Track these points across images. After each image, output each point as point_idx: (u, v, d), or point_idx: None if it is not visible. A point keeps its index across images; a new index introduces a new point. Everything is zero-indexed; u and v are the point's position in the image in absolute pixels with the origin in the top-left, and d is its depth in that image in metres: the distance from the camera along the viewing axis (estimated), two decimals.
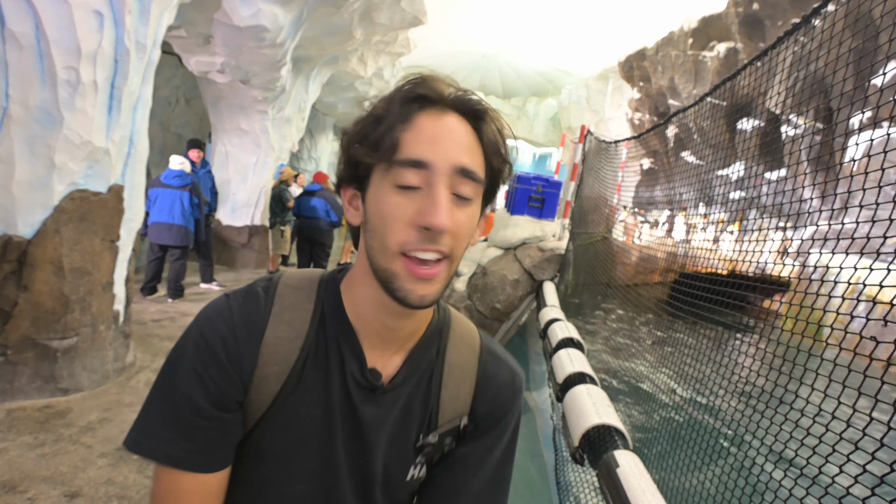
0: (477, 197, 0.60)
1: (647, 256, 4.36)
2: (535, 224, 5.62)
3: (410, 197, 0.56)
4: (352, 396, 0.64)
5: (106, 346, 3.49)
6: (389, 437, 0.67)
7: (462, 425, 0.70)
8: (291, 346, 0.64)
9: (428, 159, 0.56)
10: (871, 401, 0.94)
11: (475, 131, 0.60)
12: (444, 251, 0.57)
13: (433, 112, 0.58)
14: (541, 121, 23.20)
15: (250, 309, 0.64)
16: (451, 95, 0.59)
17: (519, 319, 5.15)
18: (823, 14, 1.53)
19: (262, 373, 0.63)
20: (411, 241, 0.56)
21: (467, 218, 0.59)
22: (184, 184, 5.35)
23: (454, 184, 0.57)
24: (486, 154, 0.60)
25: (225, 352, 0.61)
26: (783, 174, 5.68)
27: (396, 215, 0.56)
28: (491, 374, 0.72)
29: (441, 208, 0.55)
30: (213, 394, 0.61)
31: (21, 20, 2.74)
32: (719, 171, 2.37)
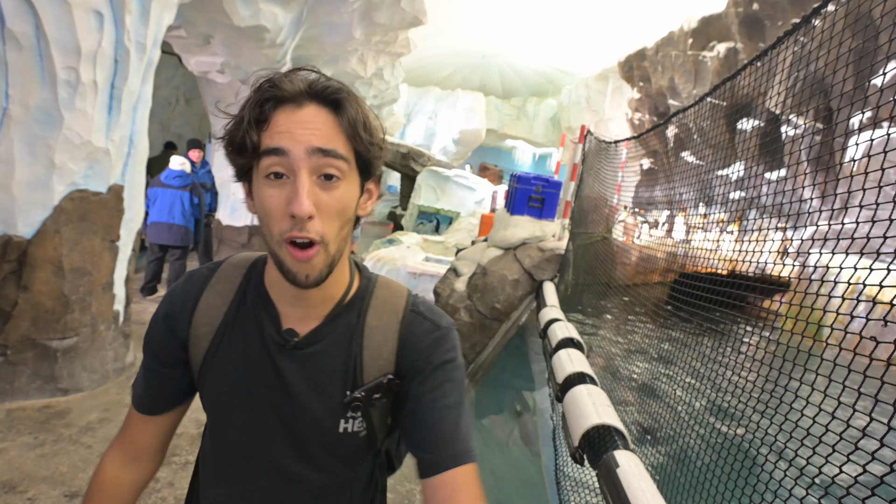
0: (346, 174, 0.65)
1: (647, 256, 4.36)
2: (534, 224, 5.62)
3: (280, 186, 0.62)
4: (271, 353, 0.74)
5: (106, 346, 3.49)
6: (313, 391, 0.74)
7: (386, 381, 0.76)
8: (217, 311, 0.77)
9: (284, 146, 0.61)
10: (871, 401, 0.94)
11: (335, 118, 0.64)
12: (313, 237, 0.63)
13: (288, 108, 0.63)
14: (541, 121, 23.20)
15: (192, 281, 0.79)
16: (304, 88, 0.63)
17: (519, 319, 5.15)
18: (823, 14, 1.53)
19: (196, 332, 0.76)
20: (285, 230, 0.62)
21: (336, 199, 0.64)
22: (184, 184, 5.36)
23: (317, 166, 0.62)
24: (349, 134, 0.64)
25: (165, 315, 0.78)
26: (783, 174, 5.68)
27: (271, 206, 0.63)
28: (411, 332, 0.78)
29: (301, 196, 0.60)
30: (158, 350, 0.79)
31: (21, 20, 2.74)
32: (719, 172, 2.37)
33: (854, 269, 1.12)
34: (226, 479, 0.80)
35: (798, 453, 1.14)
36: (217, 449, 0.81)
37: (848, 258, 1.20)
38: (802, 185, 2.03)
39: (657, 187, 5.02)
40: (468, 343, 4.98)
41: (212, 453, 0.82)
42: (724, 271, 1.97)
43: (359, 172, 0.68)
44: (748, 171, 4.40)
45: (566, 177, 6.26)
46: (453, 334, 0.80)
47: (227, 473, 0.80)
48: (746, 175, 2.11)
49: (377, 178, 0.74)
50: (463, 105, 21.68)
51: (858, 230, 1.14)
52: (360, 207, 0.71)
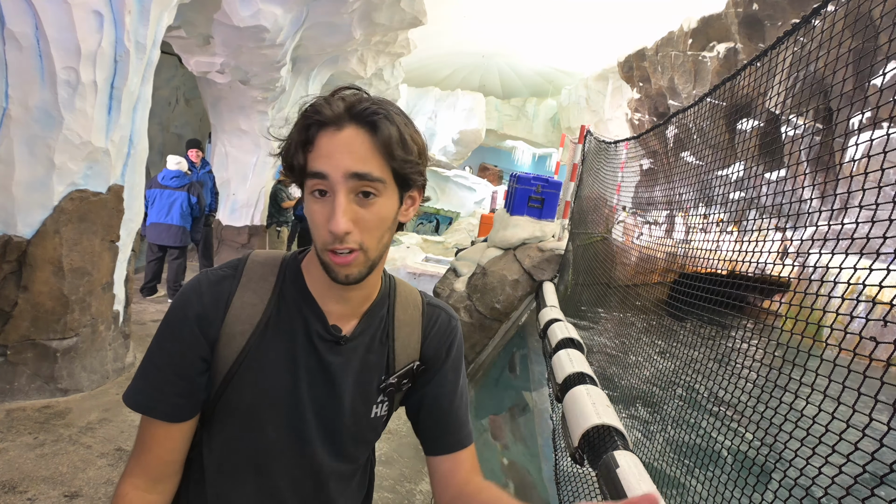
0: (383, 192, 0.70)
1: (647, 257, 4.36)
2: (534, 224, 5.62)
3: (323, 203, 0.69)
4: (317, 349, 0.78)
5: (106, 347, 3.49)
6: (354, 382, 0.81)
7: (415, 367, 0.86)
8: (255, 309, 0.78)
9: (324, 170, 0.67)
10: (871, 401, 0.94)
11: (372, 138, 0.68)
12: (353, 247, 0.69)
13: (330, 131, 0.68)
14: (540, 121, 23.20)
15: (220, 279, 0.79)
16: (343, 111, 0.68)
17: (518, 320, 5.15)
18: (823, 14, 1.53)
19: (230, 331, 0.76)
20: (328, 242, 0.69)
21: (374, 213, 0.70)
22: (181, 184, 5.35)
23: (354, 187, 0.68)
24: (384, 153, 0.69)
25: (194, 314, 0.75)
26: (783, 174, 5.68)
27: (316, 220, 0.70)
28: (432, 321, 0.89)
29: (337, 216, 0.66)
30: (183, 351, 0.75)
31: (21, 20, 2.74)
32: (719, 172, 2.37)
33: (854, 269, 1.12)
34: (255, 481, 0.79)
35: (798, 453, 1.14)
36: (245, 452, 0.79)
37: (848, 258, 1.20)
38: (802, 186, 2.03)
39: (657, 187, 5.02)
40: (468, 343, 4.98)
41: (235, 458, 0.79)
42: (724, 271, 1.97)
43: (397, 186, 0.73)
44: (748, 171, 4.40)
45: (566, 177, 6.26)
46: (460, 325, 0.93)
47: (258, 476, 0.79)
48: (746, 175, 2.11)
49: (420, 186, 0.78)
50: (463, 105, 21.68)
51: (858, 230, 1.14)
52: (402, 215, 0.77)
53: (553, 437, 2.60)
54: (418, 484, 3.04)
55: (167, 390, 0.75)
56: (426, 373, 0.88)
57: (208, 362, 0.77)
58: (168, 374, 0.75)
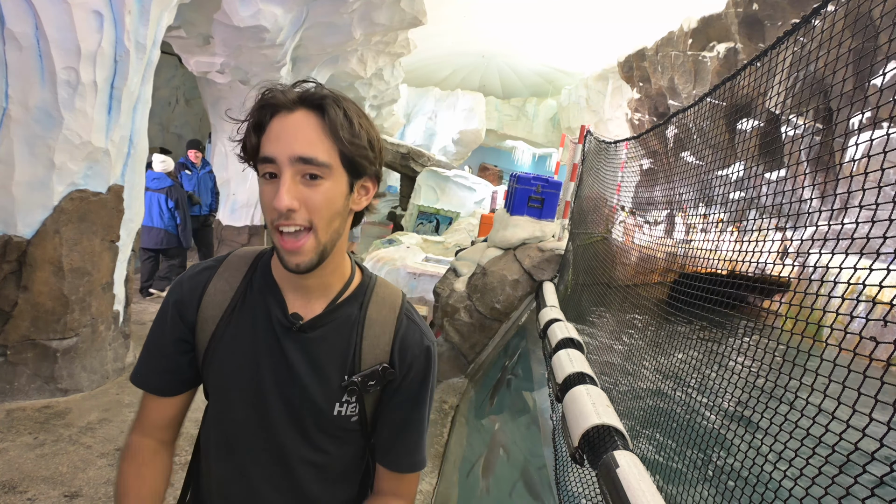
0: (329, 176, 0.72)
1: (647, 257, 4.36)
2: (534, 224, 5.62)
3: (272, 184, 0.71)
4: (277, 334, 0.81)
5: (106, 347, 3.49)
6: (313, 373, 0.81)
7: (381, 368, 0.84)
8: (224, 296, 0.84)
9: (273, 154, 0.70)
10: (871, 400, 0.94)
11: (321, 121, 0.71)
12: (302, 223, 0.71)
13: (282, 115, 0.71)
14: (540, 121, 23.19)
15: (200, 271, 0.87)
16: (296, 95, 0.72)
17: (518, 320, 5.15)
18: (823, 14, 1.53)
19: (203, 315, 0.83)
20: (276, 218, 0.71)
21: (321, 194, 0.72)
22: (161, 186, 5.27)
23: (300, 169, 0.70)
24: (332, 136, 0.71)
25: (175, 303, 0.84)
26: (783, 174, 5.68)
27: (265, 200, 0.72)
28: (406, 333, 0.87)
29: (281, 194, 0.69)
30: (168, 332, 0.84)
31: (21, 20, 2.74)
32: (719, 172, 2.37)
33: (854, 269, 1.12)
34: (228, 458, 0.85)
35: (798, 453, 1.14)
36: (220, 429, 0.85)
37: (848, 258, 1.20)
38: (802, 186, 2.02)
39: (657, 187, 5.02)
40: (468, 343, 4.98)
41: (214, 435, 0.86)
42: (724, 271, 1.97)
43: (346, 171, 0.75)
44: (748, 171, 4.40)
45: (566, 177, 6.26)
46: (436, 350, 0.91)
47: (230, 453, 0.84)
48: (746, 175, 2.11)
49: (373, 176, 0.79)
50: (463, 105, 21.67)
51: (858, 230, 1.14)
52: (354, 202, 0.78)
53: (553, 436, 2.60)
54: (419, 484, 3.04)
55: (154, 367, 0.86)
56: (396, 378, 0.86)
57: (189, 343, 0.84)
58: (154, 354, 0.86)
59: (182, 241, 5.57)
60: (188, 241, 5.63)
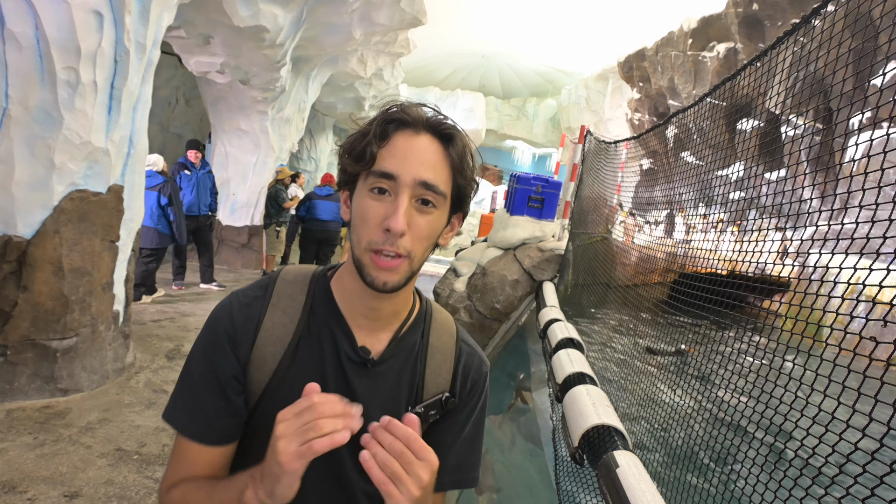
0: (440, 206, 0.71)
1: (647, 257, 4.37)
2: (534, 224, 5.62)
3: (381, 200, 0.68)
4: (345, 371, 0.75)
5: (106, 347, 3.49)
6: (381, 407, 0.76)
7: (444, 398, 0.81)
8: (286, 329, 0.76)
9: (395, 172, 0.67)
10: (871, 400, 0.94)
11: (444, 151, 0.70)
12: (401, 252, 0.68)
13: (407, 132, 0.69)
14: (540, 121, 23.19)
15: (249, 300, 0.77)
16: (425, 118, 0.70)
17: (518, 320, 5.15)
18: (823, 14, 1.53)
19: (261, 353, 0.74)
20: (377, 241, 0.67)
21: (428, 223, 0.70)
22: (152, 184, 5.17)
23: (417, 193, 0.68)
24: (453, 168, 0.71)
25: (225, 335, 0.74)
26: (783, 174, 5.68)
27: (368, 216, 0.68)
28: (466, 359, 0.85)
29: (399, 214, 0.66)
30: (217, 372, 0.73)
31: (21, 20, 2.74)
32: (719, 172, 2.37)
33: (854, 269, 1.12)
34: None
35: (798, 453, 1.14)
36: None
37: (848, 258, 1.20)
38: (802, 186, 2.03)
39: (657, 187, 5.02)
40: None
41: None
42: (724, 272, 1.97)
43: (451, 205, 0.74)
44: (748, 171, 4.40)
45: (566, 177, 6.26)
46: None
47: None
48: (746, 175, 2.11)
49: (462, 213, 0.78)
50: (463, 105, 21.68)
51: (858, 230, 1.14)
52: (443, 237, 0.76)
53: (553, 437, 2.59)
54: None
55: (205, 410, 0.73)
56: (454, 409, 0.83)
57: (241, 383, 0.75)
58: (205, 394, 0.74)
59: (178, 239, 5.46)
60: (183, 237, 5.50)
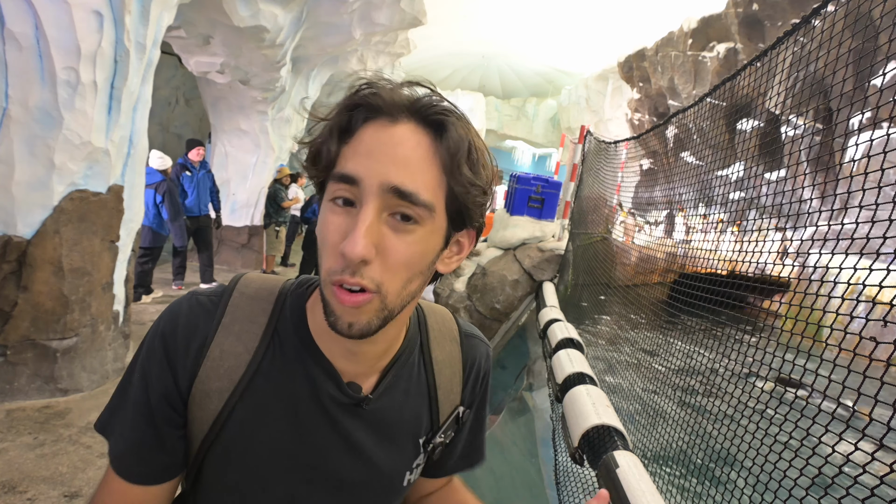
0: (425, 222, 0.50)
1: (646, 257, 4.37)
2: (534, 224, 5.63)
3: (345, 214, 0.49)
4: (331, 414, 0.59)
5: (105, 347, 3.49)
6: (386, 450, 0.63)
7: (459, 414, 0.70)
8: (238, 361, 0.57)
9: (357, 174, 0.48)
10: (871, 401, 0.95)
11: (433, 144, 0.50)
12: (366, 285, 0.48)
13: (381, 122, 0.50)
14: (540, 121, 23.19)
15: (198, 313, 0.59)
16: (404, 101, 0.50)
17: (518, 320, 5.15)
18: (823, 14, 1.53)
19: (204, 388, 0.57)
20: (336, 270, 0.49)
21: (407, 245, 0.49)
22: (151, 181, 5.10)
23: (390, 204, 0.48)
24: (445, 167, 0.50)
25: (164, 352, 0.57)
26: (783, 174, 5.68)
27: (328, 236, 0.50)
28: (473, 358, 0.72)
29: (357, 234, 0.47)
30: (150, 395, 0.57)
31: (21, 20, 2.74)
32: (719, 172, 2.37)
33: (854, 269, 1.12)
34: None
35: (798, 453, 1.14)
36: None
37: (848, 258, 1.20)
38: (802, 186, 2.03)
39: (657, 188, 5.02)
40: None
41: None
42: (724, 272, 1.97)
43: (448, 220, 0.53)
44: (748, 171, 4.40)
45: (566, 177, 6.26)
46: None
47: None
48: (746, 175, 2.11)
49: (474, 229, 0.58)
50: (463, 105, 21.58)
51: (858, 230, 1.14)
52: (443, 262, 0.56)
53: (553, 437, 2.60)
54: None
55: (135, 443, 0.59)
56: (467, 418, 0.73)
57: (179, 413, 0.58)
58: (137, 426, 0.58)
59: (175, 240, 5.36)
60: (181, 239, 5.38)
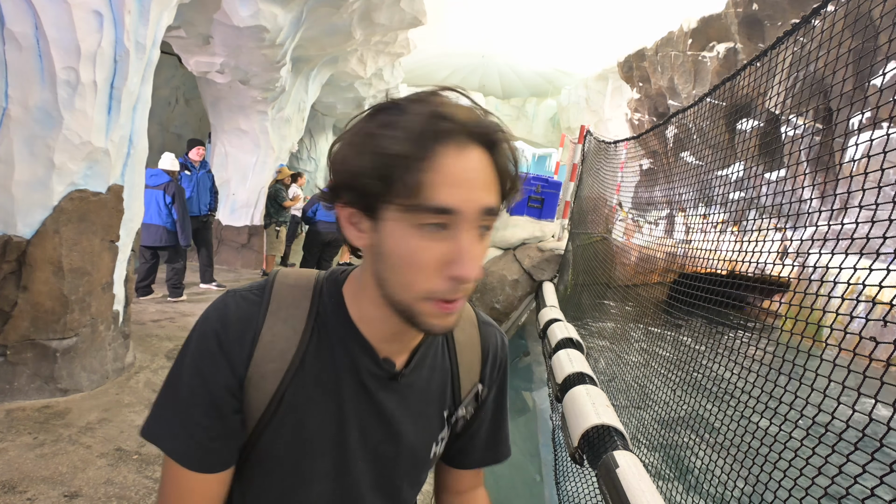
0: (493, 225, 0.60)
1: (646, 257, 4.37)
2: (534, 224, 5.63)
3: (440, 240, 0.53)
4: (368, 388, 0.65)
5: (105, 347, 3.49)
6: (415, 423, 0.70)
7: (479, 391, 0.77)
8: (289, 342, 0.63)
9: (456, 207, 0.52)
10: (871, 400, 0.94)
11: (492, 161, 0.56)
12: (470, 290, 0.57)
13: (453, 147, 0.52)
14: (540, 121, 23.20)
15: (246, 306, 0.64)
16: (470, 124, 0.54)
17: (518, 320, 5.15)
18: (823, 14, 1.53)
19: (259, 370, 0.62)
20: (440, 291, 0.54)
21: (485, 248, 0.58)
22: (158, 182, 5.18)
23: (480, 222, 0.55)
24: (500, 181, 0.57)
25: (218, 347, 0.61)
26: (783, 174, 5.68)
27: (423, 260, 0.53)
28: (491, 342, 0.78)
29: (473, 261, 0.53)
30: (211, 390, 0.61)
31: (21, 20, 2.74)
32: (719, 172, 2.37)
33: (854, 269, 1.12)
34: None
35: (798, 454, 1.14)
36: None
37: (848, 258, 1.20)
38: (802, 186, 2.03)
39: (657, 188, 5.02)
40: None
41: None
42: (724, 272, 1.97)
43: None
44: (748, 171, 4.40)
45: (566, 177, 6.27)
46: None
47: None
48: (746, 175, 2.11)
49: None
50: None
51: (858, 230, 1.14)
52: None
53: (553, 436, 2.60)
54: None
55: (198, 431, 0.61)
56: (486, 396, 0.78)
57: (239, 400, 0.63)
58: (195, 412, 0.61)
59: (180, 240, 5.43)
60: (187, 239, 5.46)
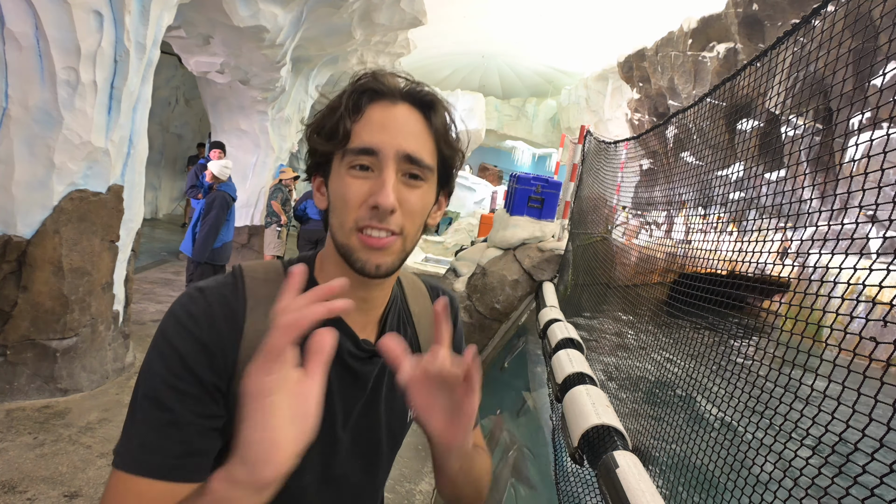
0: (428, 179, 0.66)
1: (646, 257, 4.37)
2: (534, 224, 5.63)
3: (364, 178, 0.62)
4: (353, 369, 0.69)
5: (105, 347, 3.49)
6: (389, 388, 0.74)
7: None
8: None
9: (376, 146, 0.62)
10: (871, 401, 0.94)
11: (425, 120, 0.65)
12: (394, 229, 0.63)
13: (383, 103, 0.64)
14: (540, 121, 23.19)
15: (228, 302, 0.63)
16: (401, 87, 0.65)
17: (518, 320, 5.15)
18: (823, 14, 1.53)
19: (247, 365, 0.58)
20: (364, 218, 0.61)
21: (418, 198, 0.65)
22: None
23: (403, 168, 0.63)
24: (436, 141, 0.66)
25: (205, 346, 0.59)
26: (783, 174, 5.68)
27: (350, 195, 0.62)
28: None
29: (387, 189, 0.60)
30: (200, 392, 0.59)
31: (21, 20, 2.74)
32: (719, 172, 2.37)
33: (853, 269, 1.12)
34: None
35: (798, 454, 1.14)
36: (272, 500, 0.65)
37: (848, 258, 1.20)
38: (802, 186, 2.02)
39: (657, 188, 5.02)
40: (467, 343, 4.98)
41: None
42: (724, 272, 1.97)
43: (438, 179, 0.69)
44: (748, 171, 4.41)
45: (566, 177, 6.26)
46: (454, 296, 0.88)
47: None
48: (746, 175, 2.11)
49: (448, 191, 0.74)
50: (462, 105, 21.68)
51: (858, 230, 1.14)
52: (431, 216, 0.71)
53: (553, 437, 2.60)
54: (418, 484, 3.04)
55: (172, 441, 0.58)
56: None
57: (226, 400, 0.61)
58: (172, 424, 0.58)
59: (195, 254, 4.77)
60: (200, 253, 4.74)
